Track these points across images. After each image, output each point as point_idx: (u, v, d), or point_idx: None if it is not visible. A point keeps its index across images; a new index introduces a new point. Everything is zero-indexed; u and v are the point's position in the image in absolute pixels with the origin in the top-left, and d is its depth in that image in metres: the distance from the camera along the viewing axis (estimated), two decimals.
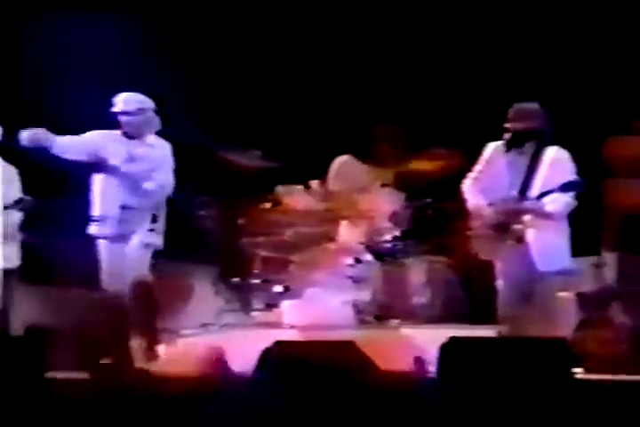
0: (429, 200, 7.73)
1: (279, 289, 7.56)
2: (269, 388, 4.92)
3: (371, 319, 7.37)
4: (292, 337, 6.66)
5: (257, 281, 7.62)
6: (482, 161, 6.88)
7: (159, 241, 7.13)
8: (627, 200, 7.07)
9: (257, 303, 7.60)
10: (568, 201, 6.65)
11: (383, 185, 7.82)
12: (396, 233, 7.67)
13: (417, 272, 7.70)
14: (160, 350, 6.90)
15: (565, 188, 6.52)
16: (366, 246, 7.60)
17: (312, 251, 7.60)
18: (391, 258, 7.62)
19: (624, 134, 7.18)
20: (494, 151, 6.81)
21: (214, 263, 7.83)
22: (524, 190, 6.65)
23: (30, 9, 8.61)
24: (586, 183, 6.56)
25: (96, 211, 7.11)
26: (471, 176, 6.90)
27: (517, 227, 6.64)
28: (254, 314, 7.55)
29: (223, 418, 4.87)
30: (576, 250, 6.78)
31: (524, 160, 6.70)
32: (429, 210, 7.71)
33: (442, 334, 5.19)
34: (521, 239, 6.64)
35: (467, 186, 6.89)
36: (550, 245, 6.64)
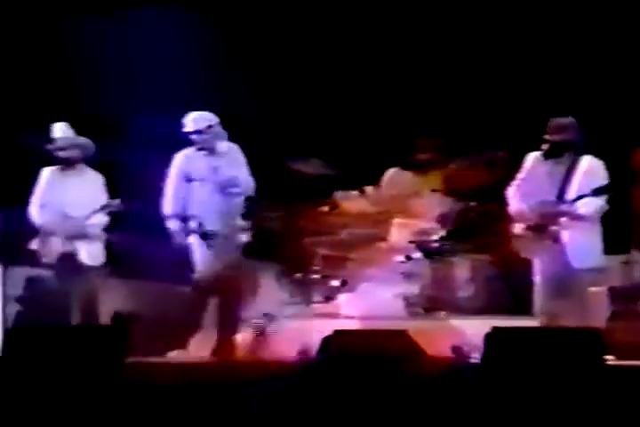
0: (474, 204, 7.92)
1: (337, 283, 7.82)
2: (329, 372, 5.11)
3: (420, 311, 7.64)
4: (349, 327, 6.82)
5: (317, 276, 7.88)
6: (524, 169, 6.92)
7: (246, 238, 7.27)
8: None
9: (317, 296, 7.83)
10: (600, 205, 6.71)
11: (433, 190, 8.04)
12: (443, 233, 7.89)
13: (462, 268, 7.90)
14: (235, 339, 7.16)
15: (597, 192, 6.60)
16: (416, 245, 7.80)
17: (366, 249, 7.84)
18: (438, 256, 7.80)
19: None
20: (534, 160, 6.88)
21: (279, 260, 8.02)
22: (561, 195, 6.72)
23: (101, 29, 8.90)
24: (615, 188, 6.66)
25: (192, 214, 7.24)
26: (514, 183, 6.93)
27: (554, 228, 6.71)
28: (314, 306, 7.77)
29: (286, 399, 5.09)
30: (607, 249, 6.82)
31: (562, 168, 6.77)
32: (473, 212, 7.89)
33: (485, 325, 5.35)
34: (557, 239, 6.71)
35: (510, 192, 6.93)
36: (584, 244, 6.70)
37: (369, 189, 8.16)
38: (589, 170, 6.77)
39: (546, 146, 6.82)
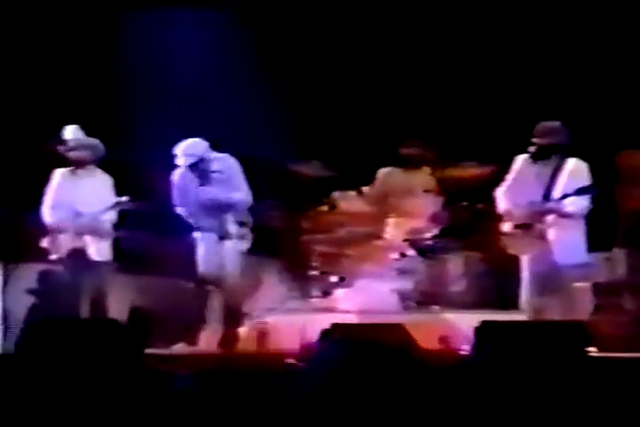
0: (465, 203, 8.03)
1: (334, 279, 7.93)
2: (327, 363, 5.02)
3: (413, 305, 7.77)
4: (346, 320, 6.85)
5: (315, 272, 7.99)
6: (512, 171, 7.05)
7: (247, 244, 7.47)
8: (635, 204, 7.29)
9: (315, 291, 7.94)
10: (585, 204, 6.85)
11: (425, 191, 8.17)
12: (436, 232, 8.02)
13: (454, 265, 8.06)
14: (238, 332, 7.33)
15: (580, 192, 6.74)
16: (410, 243, 7.93)
17: (363, 247, 7.94)
18: (431, 253, 7.94)
19: (633, 148, 7.42)
20: (523, 162, 7.01)
21: (279, 257, 8.20)
22: (547, 196, 6.86)
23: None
24: (599, 189, 6.80)
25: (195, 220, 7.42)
26: (503, 184, 7.07)
27: (541, 226, 6.84)
28: (313, 301, 7.89)
29: (285, 391, 5.05)
30: (591, 246, 6.95)
31: (548, 170, 6.89)
32: (465, 212, 7.99)
33: (475, 318, 5.35)
34: (544, 237, 6.85)
35: (499, 192, 7.08)
36: (569, 241, 6.84)
37: (366, 190, 8.27)
38: (574, 171, 6.90)
39: (533, 148, 6.96)
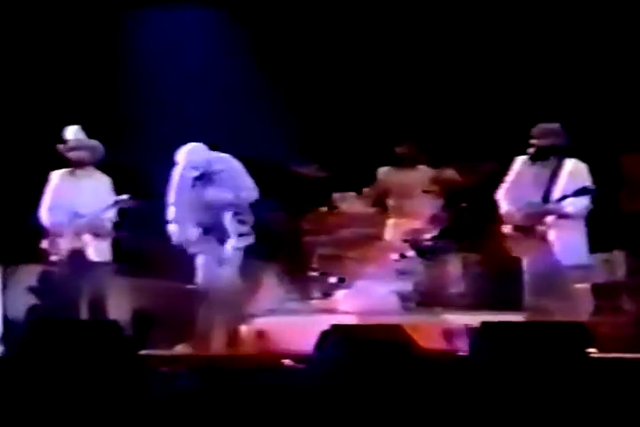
0: (464, 205, 8.10)
1: (334, 281, 7.99)
2: (327, 365, 5.19)
3: (413, 306, 7.81)
4: (346, 321, 6.91)
5: (315, 274, 8.07)
6: (512, 172, 7.06)
7: (248, 242, 7.40)
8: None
9: (315, 293, 8.01)
10: (585, 205, 6.85)
11: (425, 191, 8.23)
12: (435, 233, 8.07)
13: (453, 266, 8.12)
14: (239, 333, 7.33)
15: (579, 193, 6.76)
16: (410, 244, 7.99)
17: (363, 248, 8.02)
18: (431, 254, 7.99)
19: (633, 149, 7.56)
20: (522, 164, 7.02)
21: (279, 258, 8.14)
22: (547, 197, 6.87)
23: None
24: (597, 189, 6.79)
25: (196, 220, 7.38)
26: (503, 186, 7.07)
27: (540, 228, 6.84)
28: (313, 302, 7.94)
29: (285, 391, 5.18)
30: (592, 247, 6.95)
31: (547, 171, 6.90)
32: (464, 213, 8.07)
33: (474, 319, 5.57)
34: (544, 239, 6.84)
35: (499, 194, 7.07)
36: (569, 243, 6.83)
37: (365, 191, 8.34)
38: (573, 172, 6.92)
39: (532, 150, 6.98)
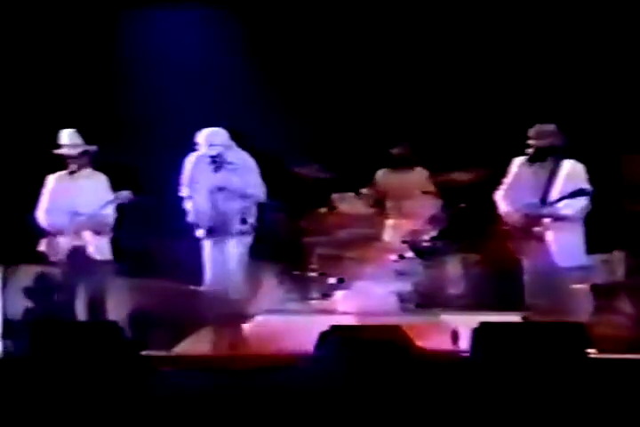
0: (463, 205, 8.15)
1: (334, 281, 8.01)
2: (327, 364, 5.23)
3: (412, 307, 7.84)
4: (346, 322, 6.96)
5: (314, 274, 8.08)
6: (510, 174, 7.11)
7: (249, 240, 7.44)
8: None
9: (314, 293, 8.02)
10: (583, 205, 6.91)
11: (424, 192, 8.29)
12: (434, 234, 8.12)
13: (452, 267, 8.17)
14: (238, 332, 7.34)
15: (575, 194, 6.82)
16: (408, 245, 8.03)
17: (362, 249, 8.03)
18: (430, 255, 8.03)
19: (633, 149, 7.60)
20: (520, 165, 7.07)
21: (279, 258, 8.20)
22: (545, 198, 6.92)
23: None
24: (594, 190, 6.83)
25: (197, 217, 7.42)
26: (502, 187, 7.11)
27: (538, 229, 6.91)
28: (312, 302, 7.97)
29: (287, 390, 5.22)
30: (590, 248, 7.02)
31: (545, 172, 6.96)
32: (463, 214, 8.10)
33: (474, 320, 5.51)
34: (542, 239, 6.90)
35: (498, 195, 7.12)
36: (567, 244, 6.90)
37: (364, 192, 8.37)
38: (571, 173, 6.97)
39: (530, 151, 7.03)
